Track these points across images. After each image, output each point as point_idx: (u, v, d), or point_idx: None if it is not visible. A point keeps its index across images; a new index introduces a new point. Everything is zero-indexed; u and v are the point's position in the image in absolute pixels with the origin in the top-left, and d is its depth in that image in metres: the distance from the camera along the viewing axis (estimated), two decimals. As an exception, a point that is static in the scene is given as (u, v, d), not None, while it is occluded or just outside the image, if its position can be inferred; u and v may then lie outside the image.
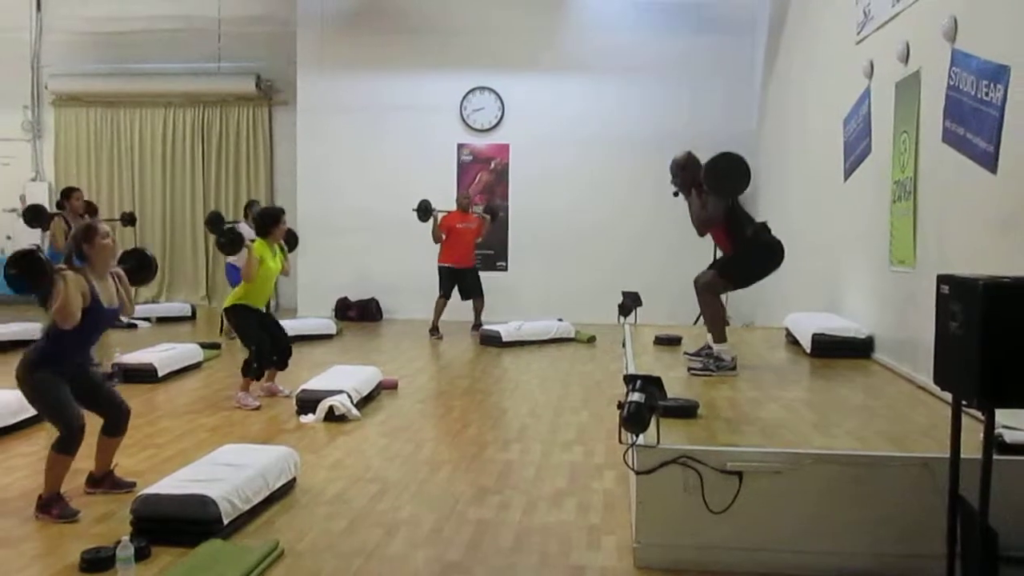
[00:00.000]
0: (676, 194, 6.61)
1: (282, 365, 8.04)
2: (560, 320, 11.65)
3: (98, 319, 4.99)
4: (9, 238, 14.78)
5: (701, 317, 10.45)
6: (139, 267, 5.52)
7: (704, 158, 6.32)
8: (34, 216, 9.34)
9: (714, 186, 6.21)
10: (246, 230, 9.84)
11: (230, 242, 8.43)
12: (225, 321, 8.20)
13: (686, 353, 6.90)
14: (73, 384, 4.94)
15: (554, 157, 13.35)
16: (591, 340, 11.30)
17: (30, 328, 9.92)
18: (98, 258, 4.98)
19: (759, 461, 4.07)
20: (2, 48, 14.98)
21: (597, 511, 5.00)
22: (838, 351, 7.00)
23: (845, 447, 4.34)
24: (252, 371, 7.68)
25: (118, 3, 13.80)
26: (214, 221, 10.98)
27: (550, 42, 13.33)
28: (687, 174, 6.47)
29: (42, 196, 15.14)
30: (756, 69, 12.65)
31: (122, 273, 5.23)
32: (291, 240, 8.58)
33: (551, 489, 5.41)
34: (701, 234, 6.55)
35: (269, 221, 7.84)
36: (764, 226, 6.50)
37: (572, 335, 11.47)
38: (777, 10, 11.59)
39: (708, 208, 6.33)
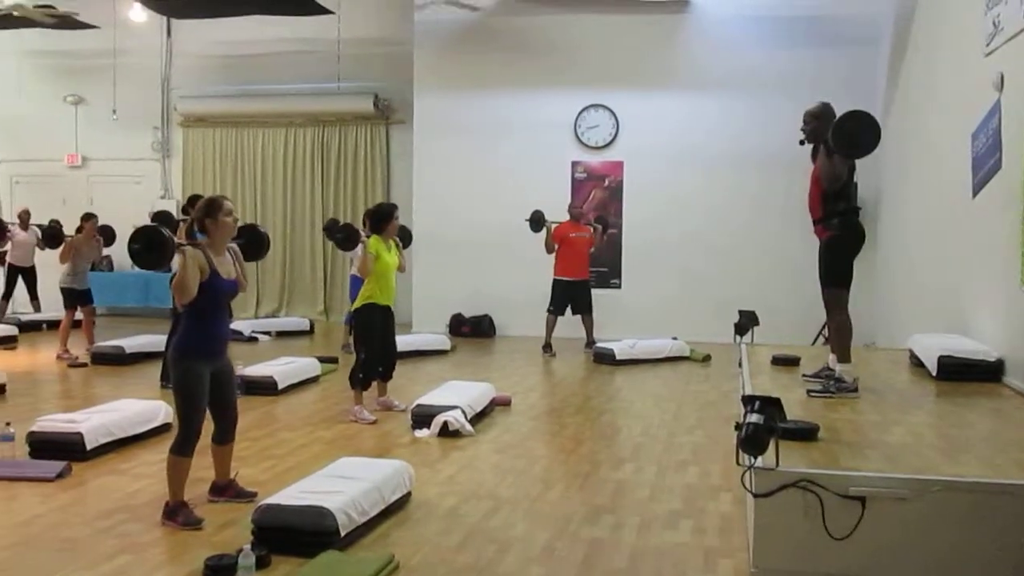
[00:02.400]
0: (802, 142, 6.42)
1: (386, 377, 8.17)
2: (675, 339, 11.52)
3: (217, 291, 5.07)
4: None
5: (820, 336, 10.20)
6: (252, 242, 5.63)
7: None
8: (163, 222, 9.66)
9: (840, 147, 5.98)
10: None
11: (346, 237, 8.61)
12: (348, 332, 8.39)
13: (804, 375, 6.74)
14: (213, 377, 5.07)
15: (669, 174, 13.24)
16: (706, 359, 11.15)
17: (156, 340, 10.28)
18: (219, 234, 5.10)
19: (883, 487, 3.94)
20: (135, 72, 15.62)
21: (713, 533, 4.92)
22: (966, 374, 6.72)
23: (976, 474, 4.17)
24: (358, 381, 7.81)
25: (242, 27, 14.24)
26: (331, 228, 11.26)
27: (665, 59, 13.25)
28: (819, 124, 6.25)
29: (170, 213, 15.74)
30: (878, 83, 12.33)
31: (237, 249, 5.35)
32: (404, 236, 8.73)
33: (666, 510, 5.34)
34: (831, 190, 6.30)
35: (381, 217, 7.96)
36: (856, 210, 6.28)
37: (687, 354, 11.34)
38: (901, 24, 11.29)
39: (836, 166, 6.12)
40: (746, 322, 9.38)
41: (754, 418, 3.99)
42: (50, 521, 5.04)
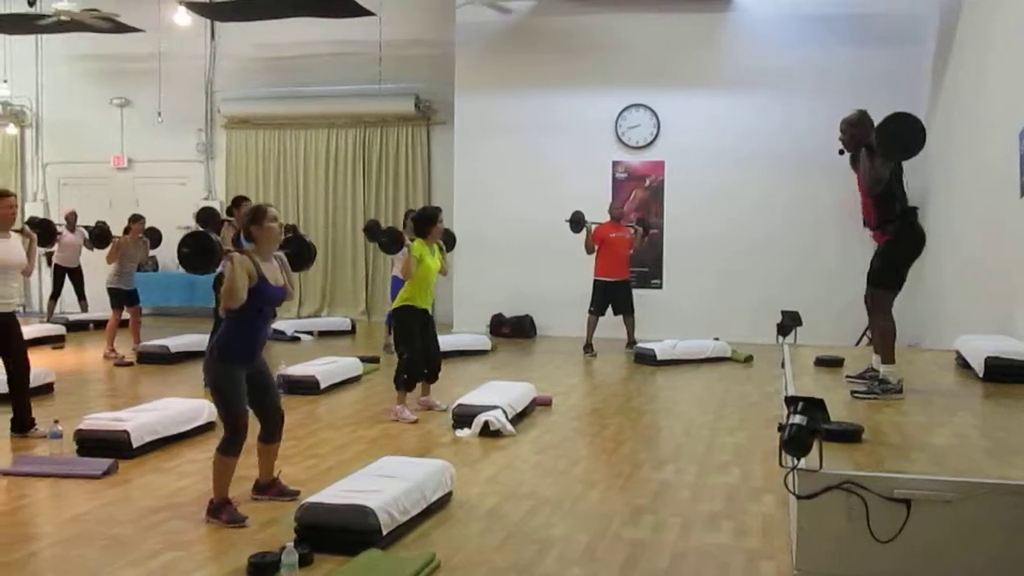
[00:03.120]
0: (841, 152, 6.35)
1: (432, 378, 8.19)
2: (716, 339, 11.45)
3: (265, 297, 5.10)
4: (183, 254, 15.52)
5: (864, 337, 10.09)
6: (299, 252, 5.69)
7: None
8: (208, 218, 9.70)
9: (885, 148, 5.90)
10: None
11: (391, 240, 8.64)
12: (389, 332, 8.54)
13: (848, 376, 6.67)
14: (249, 378, 5.12)
15: (710, 174, 13.16)
16: (748, 360, 11.07)
17: (200, 340, 10.39)
18: (264, 240, 5.13)
19: (929, 489, 3.89)
20: (180, 75, 15.79)
21: (755, 535, 4.89)
22: (1014, 376, 6.61)
23: None
24: (403, 382, 7.85)
25: (285, 30, 14.35)
26: (372, 229, 11.34)
27: (707, 58, 13.17)
28: (857, 131, 6.19)
29: (214, 214, 15.89)
30: (923, 82, 12.18)
31: (284, 258, 5.40)
32: (448, 240, 8.77)
33: (707, 511, 5.31)
34: (872, 194, 6.24)
35: (426, 221, 7.99)
36: (914, 211, 6.19)
37: (728, 355, 11.27)
38: (946, 21, 11.15)
39: (877, 168, 6.05)
40: (789, 323, 9.32)
41: (797, 419, 3.96)
42: (97, 518, 5.12)
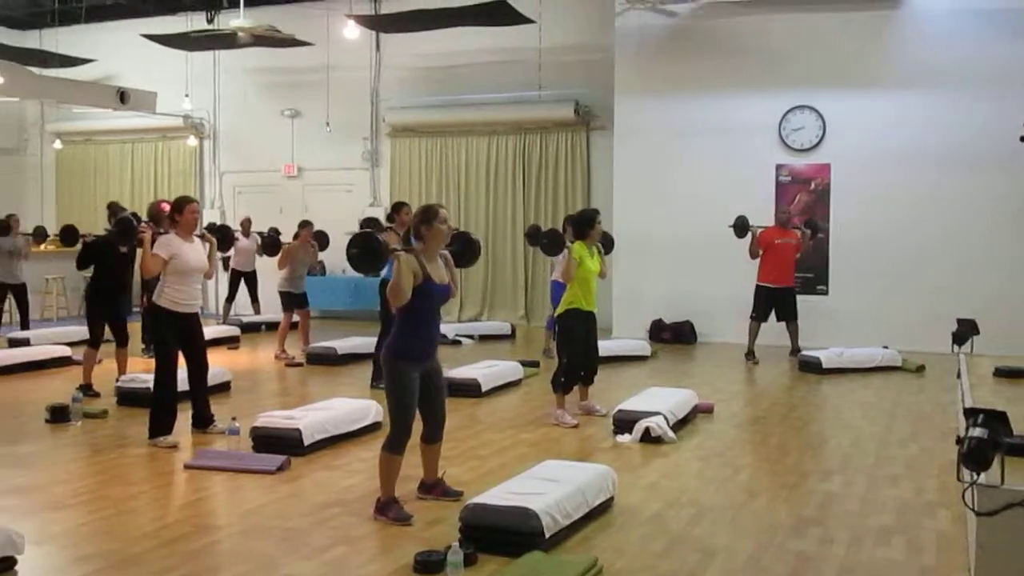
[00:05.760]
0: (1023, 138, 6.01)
1: (588, 381, 8.21)
2: (885, 347, 11.06)
3: (430, 296, 5.22)
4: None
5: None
6: (464, 250, 5.79)
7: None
8: (370, 228, 10.07)
9: None
10: None
11: (552, 242, 8.74)
12: (550, 337, 8.65)
13: (1031, 386, 6.35)
14: (423, 379, 5.24)
15: (879, 176, 12.69)
16: (920, 370, 10.63)
17: (366, 342, 10.69)
18: (433, 240, 5.25)
19: (1124, 509, 3.66)
20: (348, 86, 16.29)
21: (929, 552, 4.70)
22: None
23: None
24: (560, 384, 7.91)
25: (447, 39, 14.62)
26: (532, 234, 11.50)
27: (875, 56, 12.72)
28: None
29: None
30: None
31: (449, 256, 5.48)
32: (607, 242, 8.83)
33: (877, 524, 5.15)
34: None
35: (585, 223, 8.06)
36: None
37: (898, 364, 10.84)
38: None
39: None
40: (965, 331, 8.91)
41: (978, 432, 3.78)
42: (272, 512, 5.34)
